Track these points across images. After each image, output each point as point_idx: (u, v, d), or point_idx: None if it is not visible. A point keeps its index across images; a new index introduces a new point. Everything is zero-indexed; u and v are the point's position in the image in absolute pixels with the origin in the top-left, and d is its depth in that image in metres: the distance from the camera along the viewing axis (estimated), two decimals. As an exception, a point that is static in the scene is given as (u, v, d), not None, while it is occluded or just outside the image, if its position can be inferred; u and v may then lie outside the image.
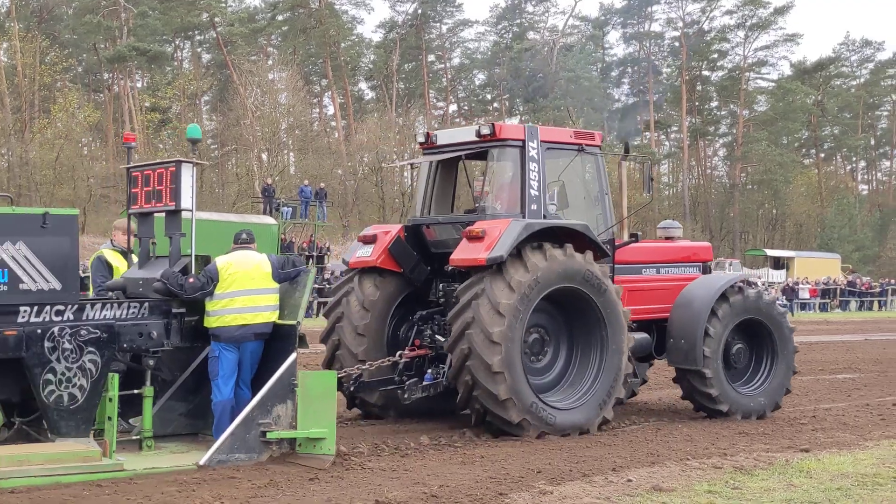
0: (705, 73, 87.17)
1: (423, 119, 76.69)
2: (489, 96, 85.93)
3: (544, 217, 11.47)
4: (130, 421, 9.77)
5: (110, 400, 9.00)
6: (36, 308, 8.73)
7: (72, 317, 8.90)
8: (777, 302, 13.81)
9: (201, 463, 8.80)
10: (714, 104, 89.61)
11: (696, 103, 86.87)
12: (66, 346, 8.87)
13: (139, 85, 71.94)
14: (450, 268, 11.58)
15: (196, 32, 74.53)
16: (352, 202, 64.07)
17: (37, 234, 8.77)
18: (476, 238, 10.82)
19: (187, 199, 9.68)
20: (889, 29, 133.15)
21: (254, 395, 9.32)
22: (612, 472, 8.80)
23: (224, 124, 67.09)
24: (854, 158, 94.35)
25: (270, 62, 70.67)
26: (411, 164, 12.19)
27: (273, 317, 9.72)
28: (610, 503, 7.64)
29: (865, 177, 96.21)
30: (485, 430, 10.98)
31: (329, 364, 11.89)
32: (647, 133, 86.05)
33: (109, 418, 8.97)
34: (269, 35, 77.77)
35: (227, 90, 69.00)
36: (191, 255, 9.84)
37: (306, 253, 39.55)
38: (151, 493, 7.81)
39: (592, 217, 12.16)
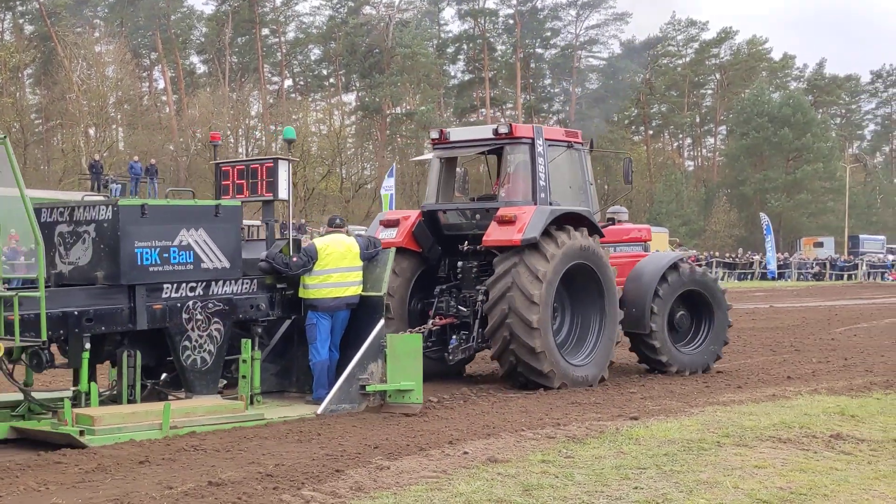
0: (539, 50, 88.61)
1: (257, 94, 75.56)
2: (325, 71, 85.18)
3: (550, 204, 13.13)
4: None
5: (244, 361, 10.68)
6: (175, 285, 10.15)
7: (202, 292, 10.38)
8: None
9: (319, 412, 10.52)
10: (547, 81, 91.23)
11: (531, 80, 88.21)
12: (198, 317, 10.34)
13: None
14: (464, 247, 13.59)
15: (17, 3, 71.33)
16: (184, 178, 62.66)
17: (212, 222, 10.43)
18: (508, 222, 12.57)
19: (283, 191, 11.39)
20: (713, 9, 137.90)
21: (341, 356, 11.25)
22: (449, 445, 8.83)
23: (49, 98, 64.64)
24: (680, 135, 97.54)
25: (97, 34, 68.37)
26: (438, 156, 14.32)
27: (359, 290, 11.42)
28: (446, 476, 7.66)
29: (691, 153, 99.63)
30: (511, 382, 12.82)
31: None
32: (482, 110, 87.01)
33: (244, 376, 10.69)
34: (95, 6, 75.08)
35: (51, 63, 66.38)
36: (288, 239, 11.53)
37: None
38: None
39: (577, 203, 13.82)
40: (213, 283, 10.46)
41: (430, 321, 13.35)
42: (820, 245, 75.66)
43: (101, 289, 9.87)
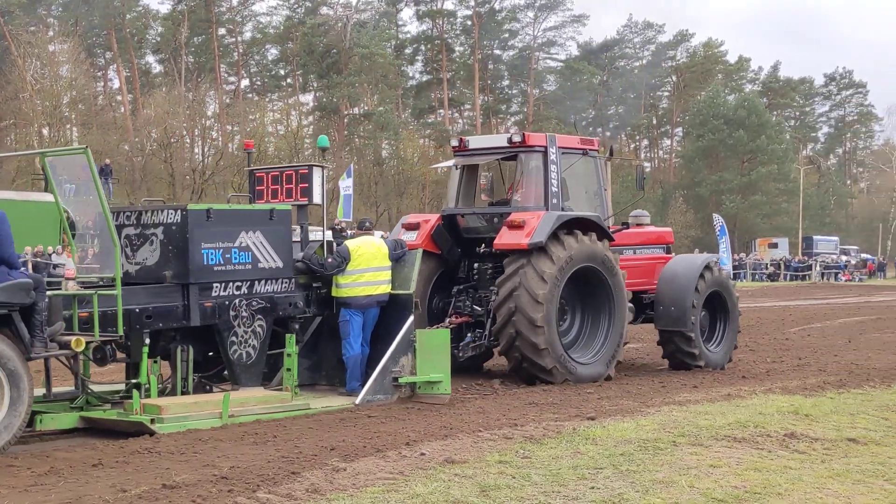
0: (497, 52, 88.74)
1: (214, 94, 75.05)
2: (282, 71, 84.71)
3: (562, 209, 13.92)
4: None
5: (288, 355, 11.40)
6: (222, 284, 10.87)
7: (246, 290, 11.11)
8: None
9: (357, 402, 11.31)
10: (505, 83, 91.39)
11: (489, 82, 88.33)
12: (244, 314, 11.07)
13: None
14: (481, 250, 14.43)
15: (-31, 1, 70.51)
16: (139, 179, 62.09)
17: (267, 225, 11.27)
18: (517, 227, 13.31)
19: (317, 195, 12.07)
20: (669, 12, 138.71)
21: (371, 350, 11.97)
22: (406, 447, 8.81)
23: (2, 98, 63.74)
24: (637, 137, 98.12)
25: (51, 33, 67.59)
26: (454, 165, 15.19)
27: (388, 288, 12.18)
28: (403, 477, 7.64)
29: (648, 154, 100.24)
30: (518, 378, 13.55)
31: None
32: (440, 111, 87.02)
33: (288, 369, 11.40)
34: (49, 5, 74.17)
35: (4, 62, 65.49)
36: (323, 241, 12.39)
37: (91, 231, 38.00)
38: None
39: (591, 209, 14.64)
40: (257, 282, 11.25)
41: (448, 319, 14.11)
42: (774, 246, 76.35)
43: (159, 287, 10.62)
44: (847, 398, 12.06)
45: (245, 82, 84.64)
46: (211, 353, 11.39)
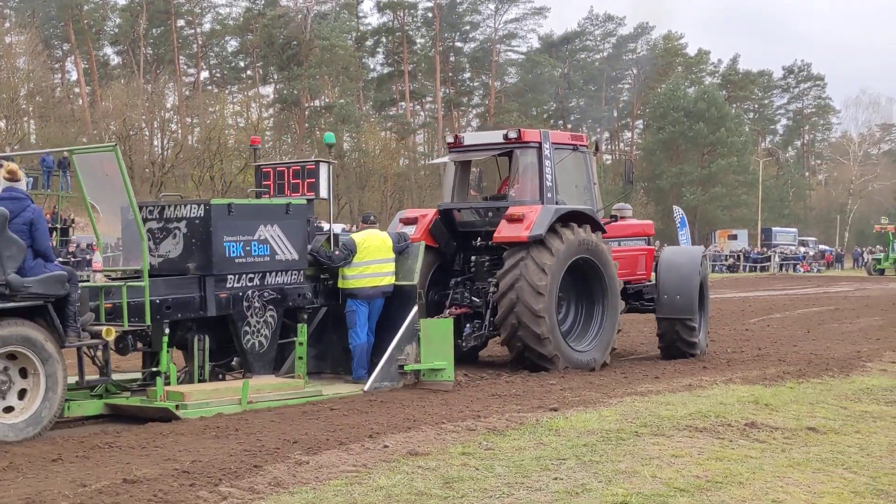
0: (458, 44, 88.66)
1: (173, 86, 74.45)
2: (242, 63, 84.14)
3: (556, 203, 14.22)
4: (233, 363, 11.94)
5: (300, 344, 11.94)
6: (236, 276, 11.33)
7: (259, 282, 11.57)
8: None
9: (365, 389, 11.75)
10: (467, 75, 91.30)
11: (450, 74, 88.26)
12: (256, 304, 11.52)
13: None
14: (477, 243, 14.99)
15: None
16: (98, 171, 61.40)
17: (283, 219, 11.79)
18: (516, 220, 13.69)
19: (324, 190, 12.39)
20: (630, 5, 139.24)
21: (376, 339, 12.46)
22: (369, 439, 8.79)
23: (-43, 90, 62.96)
24: (598, 129, 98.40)
25: (7, 25, 66.71)
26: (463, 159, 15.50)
27: (392, 279, 12.66)
28: (366, 469, 7.62)
29: (609, 147, 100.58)
30: (520, 366, 13.90)
31: None
32: (402, 103, 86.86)
33: (300, 358, 11.95)
34: (5, -4, 73.32)
35: (-41, 53, 64.69)
36: (330, 233, 12.79)
37: (50, 225, 37.60)
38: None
39: (581, 202, 14.99)
40: (268, 273, 11.70)
41: (447, 311, 14.39)
42: (734, 237, 76.94)
43: (178, 279, 11.05)
44: (806, 388, 12.18)
45: (205, 74, 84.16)
46: (223, 343, 11.69)
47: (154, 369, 10.84)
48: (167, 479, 7.31)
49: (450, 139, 15.56)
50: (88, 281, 10.33)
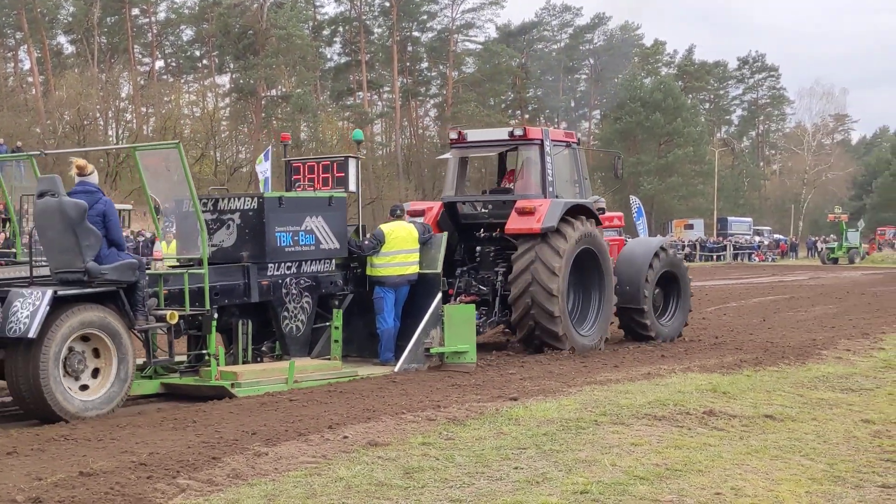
0: (416, 34, 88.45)
1: (128, 75, 73.65)
2: (198, 52, 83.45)
3: (556, 196, 15.03)
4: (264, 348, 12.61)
5: (336, 328, 12.76)
6: (275, 264, 12.13)
7: (296, 270, 12.41)
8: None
9: (396, 370, 12.59)
10: (424, 65, 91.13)
11: (408, 64, 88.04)
12: (293, 291, 12.35)
13: None
14: (481, 234, 15.73)
15: None
16: (52, 162, 60.74)
17: (327, 210, 12.72)
18: (527, 213, 14.43)
19: (353, 184, 13.31)
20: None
21: (401, 324, 13.23)
22: (329, 430, 8.74)
23: None
24: (556, 120, 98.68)
25: (-42, 12, 65.72)
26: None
27: (417, 268, 13.42)
28: (326, 461, 7.58)
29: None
30: (526, 345, 14.73)
31: None
32: (359, 93, 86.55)
33: (336, 341, 12.73)
34: (-45, -16, 72.11)
35: None
36: (357, 225, 13.63)
37: (2, 216, 37.03)
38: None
39: (573, 195, 15.76)
40: (304, 262, 12.54)
41: (458, 299, 15.04)
42: (690, 227, 77.52)
43: (224, 268, 11.77)
44: (763, 376, 12.28)
45: (160, 63, 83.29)
46: (260, 328, 12.43)
47: (203, 352, 11.48)
48: (124, 472, 7.23)
49: (453, 135, 16.14)
50: (150, 268, 11.23)
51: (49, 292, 9.55)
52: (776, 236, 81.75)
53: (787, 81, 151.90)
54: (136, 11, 79.73)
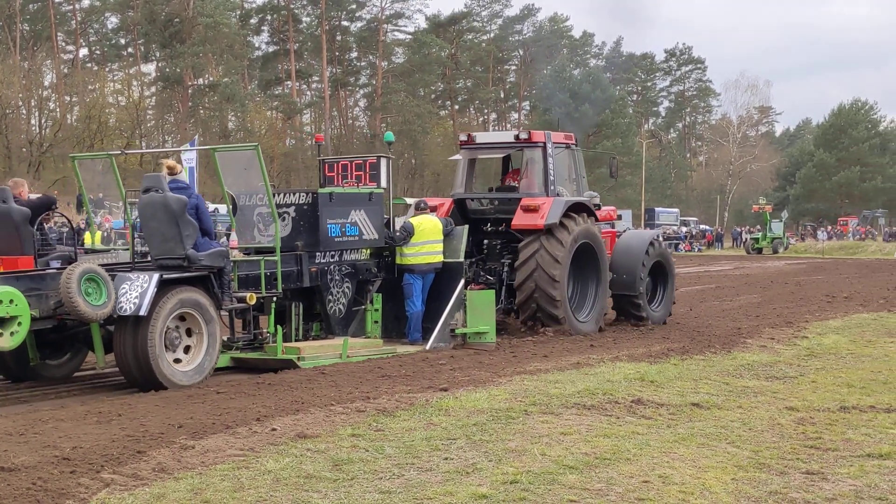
0: (345, 23, 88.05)
1: (51, 63, 72.28)
2: (123, 40, 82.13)
3: (557, 193, 16.34)
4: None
5: (376, 310, 14.06)
6: (322, 252, 13.39)
7: (338, 258, 13.66)
8: None
9: (427, 348, 13.89)
10: (354, 55, 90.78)
11: (337, 53, 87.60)
12: (336, 277, 13.64)
13: None
14: (487, 228, 16.97)
15: None
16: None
17: (368, 205, 14.05)
18: (532, 210, 15.76)
19: (384, 181, 14.41)
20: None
21: (427, 308, 14.41)
22: (257, 423, 8.64)
23: None
24: (486, 110, 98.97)
25: None
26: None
27: (441, 258, 14.69)
28: (254, 453, 7.49)
29: (496, 128, 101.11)
30: (527, 329, 15.86)
31: None
32: (288, 82, 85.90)
33: (376, 322, 14.05)
34: None
35: None
36: (389, 218, 15.03)
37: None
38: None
39: (571, 193, 16.99)
40: (345, 251, 13.77)
41: (468, 288, 15.60)
42: (619, 218, 77.92)
43: (283, 255, 12.78)
44: (690, 364, 12.42)
45: (84, 51, 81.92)
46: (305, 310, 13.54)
47: (265, 330, 12.76)
48: (47, 467, 7.07)
49: (462, 137, 17.51)
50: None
51: (156, 276, 10.88)
52: (702, 227, 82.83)
53: (714, 74, 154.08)
54: (59, -2, 78.22)
